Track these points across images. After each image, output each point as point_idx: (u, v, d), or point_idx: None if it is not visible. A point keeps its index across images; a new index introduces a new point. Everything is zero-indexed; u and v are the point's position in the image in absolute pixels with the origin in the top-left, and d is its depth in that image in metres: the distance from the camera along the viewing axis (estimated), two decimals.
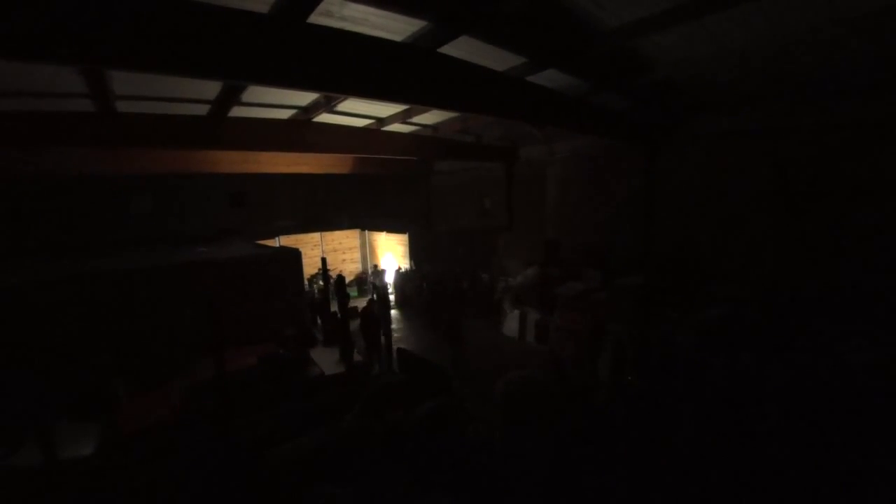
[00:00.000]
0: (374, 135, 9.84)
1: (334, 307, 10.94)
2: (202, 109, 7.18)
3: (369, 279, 14.92)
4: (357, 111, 8.42)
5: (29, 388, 6.29)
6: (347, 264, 16.53)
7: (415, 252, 14.93)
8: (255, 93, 6.54)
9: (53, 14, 2.67)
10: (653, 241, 9.91)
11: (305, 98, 7.22)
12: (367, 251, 17.22)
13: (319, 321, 10.41)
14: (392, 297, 13.26)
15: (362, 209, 16.98)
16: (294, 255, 10.28)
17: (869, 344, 5.64)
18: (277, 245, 13.97)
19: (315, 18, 3.93)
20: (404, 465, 4.20)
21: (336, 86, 4.24)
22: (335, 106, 7.45)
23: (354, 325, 9.04)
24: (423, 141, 11.07)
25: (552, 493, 4.18)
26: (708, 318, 6.97)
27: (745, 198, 8.45)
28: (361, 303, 10.46)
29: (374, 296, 10.75)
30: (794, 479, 4.12)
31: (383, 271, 13.95)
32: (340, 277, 12.62)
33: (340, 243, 16.67)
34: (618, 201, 10.76)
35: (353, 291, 14.70)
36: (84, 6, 2.74)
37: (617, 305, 8.12)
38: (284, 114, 8.06)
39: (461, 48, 5.00)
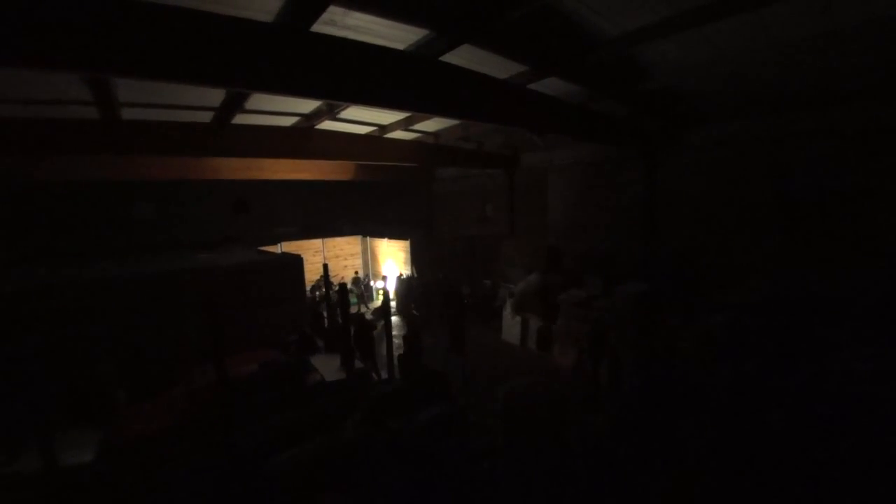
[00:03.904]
0: (376, 142, 9.89)
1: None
2: (206, 117, 7.23)
3: (350, 286, 14.82)
4: (359, 118, 8.47)
5: (30, 395, 6.28)
6: (349, 271, 16.51)
7: (416, 259, 14.93)
8: (259, 100, 6.59)
9: (60, 22, 2.71)
10: (654, 248, 9.90)
11: (308, 105, 7.26)
12: (368, 257, 17.23)
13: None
14: (393, 304, 13.24)
15: (364, 216, 17.02)
16: (296, 262, 10.30)
17: (873, 351, 5.60)
18: (279, 251, 13.99)
19: (319, 27, 3.97)
20: (406, 474, 4.17)
21: (339, 94, 4.27)
22: (338, 113, 7.50)
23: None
24: (424, 148, 11.12)
25: (553, 502, 4.15)
26: (711, 326, 6.93)
27: (747, 204, 8.45)
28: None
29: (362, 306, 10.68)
30: (798, 486, 4.08)
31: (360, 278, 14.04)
32: (342, 285, 12.60)
33: (342, 249, 16.69)
34: (619, 208, 10.76)
35: (353, 299, 14.67)
36: (90, 14, 2.78)
37: (619, 313, 8.09)
38: (287, 121, 8.11)
39: (463, 56, 5.04)
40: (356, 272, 16.06)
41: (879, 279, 6.78)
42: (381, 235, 16.29)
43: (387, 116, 8.52)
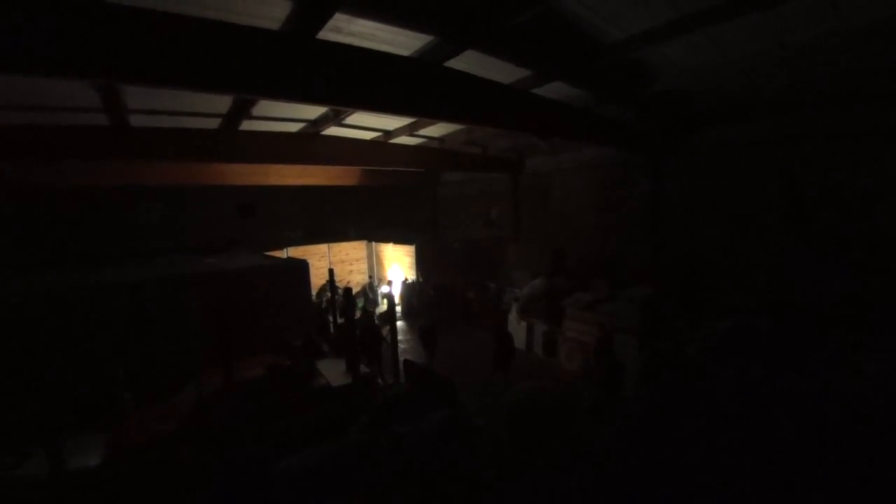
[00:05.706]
0: (381, 147, 9.94)
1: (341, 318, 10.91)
2: (213, 123, 7.31)
3: (367, 292, 14.97)
4: (364, 124, 8.52)
5: (38, 399, 6.33)
6: (354, 275, 16.55)
7: (422, 263, 14.95)
8: (265, 106, 6.65)
9: (72, 31, 2.76)
10: (661, 251, 9.84)
11: (314, 112, 7.32)
12: (374, 262, 17.27)
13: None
14: (398, 309, 13.25)
15: (369, 220, 17.10)
16: (301, 267, 10.33)
17: (885, 354, 5.52)
18: (285, 256, 14.06)
19: (324, 34, 4.02)
20: (412, 478, 4.16)
21: (344, 100, 4.31)
22: (343, 119, 7.55)
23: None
24: (429, 153, 11.16)
25: None
26: (718, 330, 6.87)
27: (754, 207, 8.38)
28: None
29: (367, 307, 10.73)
30: (807, 493, 4.02)
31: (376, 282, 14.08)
32: (347, 289, 12.66)
33: (347, 254, 16.73)
34: (625, 211, 10.72)
35: (359, 302, 14.71)
36: (100, 23, 2.83)
37: (625, 317, 8.04)
38: (293, 127, 8.18)
39: (467, 61, 5.06)
40: (370, 276, 16.16)
41: (890, 280, 6.70)
42: (387, 240, 16.33)
43: (392, 122, 8.56)
